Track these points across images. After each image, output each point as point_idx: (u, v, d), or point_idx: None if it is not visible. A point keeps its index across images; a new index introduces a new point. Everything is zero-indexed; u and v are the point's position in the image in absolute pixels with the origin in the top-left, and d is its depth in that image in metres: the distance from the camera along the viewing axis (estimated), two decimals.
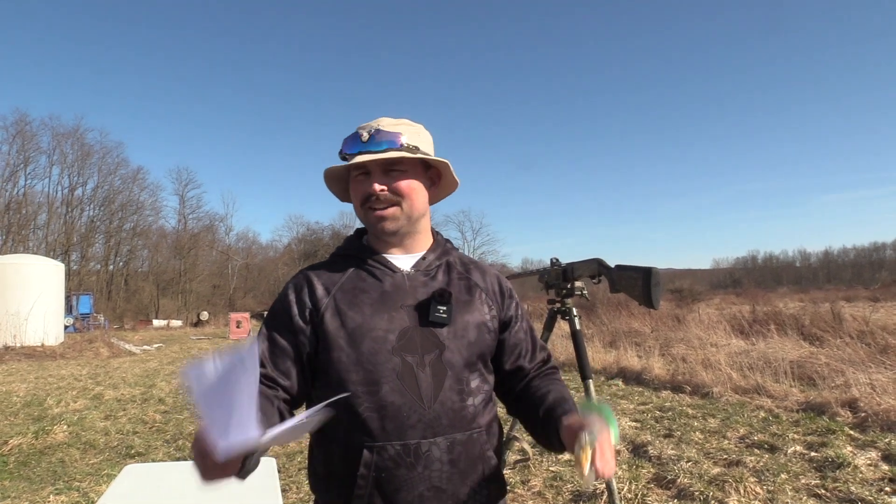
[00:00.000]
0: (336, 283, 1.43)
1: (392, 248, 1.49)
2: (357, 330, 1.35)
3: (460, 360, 1.39)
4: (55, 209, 51.35)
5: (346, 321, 1.37)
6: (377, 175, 1.41)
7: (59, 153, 52.11)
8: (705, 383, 8.00)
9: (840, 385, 6.89)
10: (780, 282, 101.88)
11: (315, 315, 1.39)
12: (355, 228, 1.63)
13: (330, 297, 1.40)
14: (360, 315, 1.37)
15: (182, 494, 2.45)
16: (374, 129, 1.41)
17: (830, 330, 10.21)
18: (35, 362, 15.46)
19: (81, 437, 6.64)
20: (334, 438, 1.35)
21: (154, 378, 11.67)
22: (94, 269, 53.41)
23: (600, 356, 11.07)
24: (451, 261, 1.54)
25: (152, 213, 58.62)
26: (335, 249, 1.56)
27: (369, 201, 1.42)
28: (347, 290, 1.42)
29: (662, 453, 5.20)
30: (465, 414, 1.37)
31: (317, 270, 1.48)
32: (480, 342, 1.44)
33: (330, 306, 1.39)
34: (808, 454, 5.01)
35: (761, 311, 13.70)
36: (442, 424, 1.33)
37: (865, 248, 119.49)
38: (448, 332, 1.39)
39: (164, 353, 18.33)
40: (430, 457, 1.31)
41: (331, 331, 1.36)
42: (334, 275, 1.45)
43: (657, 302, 2.70)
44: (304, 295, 1.42)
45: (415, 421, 1.31)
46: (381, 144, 1.40)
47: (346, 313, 1.37)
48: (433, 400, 1.33)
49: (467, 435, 1.36)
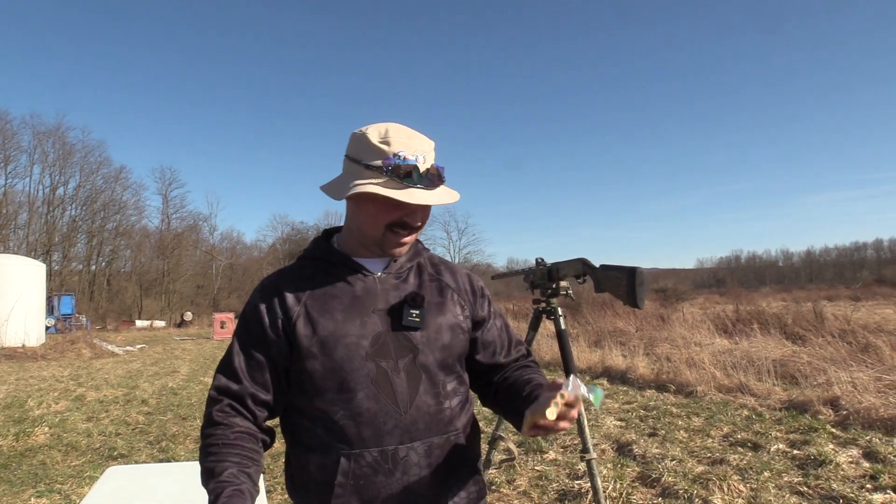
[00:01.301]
0: (305, 289, 1.38)
1: (365, 251, 1.44)
2: (329, 337, 1.32)
3: (435, 363, 1.38)
4: (36, 209, 50.84)
5: (318, 329, 1.33)
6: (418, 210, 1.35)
7: (41, 152, 51.58)
8: (689, 382, 8.06)
9: (822, 383, 6.96)
10: (763, 281, 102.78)
11: (287, 325, 1.35)
12: (323, 229, 1.57)
13: (301, 304, 1.36)
14: (332, 322, 1.34)
15: (165, 496, 2.43)
16: (433, 164, 1.34)
17: (812, 329, 10.32)
18: (16, 363, 15.28)
19: (63, 439, 6.57)
20: (310, 447, 1.34)
21: (137, 379, 11.58)
22: (76, 269, 52.94)
23: (585, 355, 11.12)
24: (421, 262, 1.51)
25: (135, 212, 58.19)
26: (302, 252, 1.51)
27: (401, 227, 1.36)
28: (318, 296, 1.37)
29: (647, 452, 5.22)
30: (442, 417, 1.37)
31: (285, 277, 1.43)
32: (455, 344, 1.43)
33: (301, 314, 1.35)
34: (790, 452, 5.06)
35: (745, 311, 13.82)
36: (419, 429, 1.32)
37: (847, 247, 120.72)
38: (422, 336, 1.37)
39: (148, 354, 18.19)
40: (408, 462, 1.31)
41: (303, 340, 1.32)
42: (303, 281, 1.40)
43: (642, 301, 2.71)
44: (275, 304, 1.37)
45: (391, 427, 1.30)
46: (434, 182, 1.33)
47: (317, 321, 1.34)
48: (409, 405, 1.32)
49: (444, 438, 1.36)
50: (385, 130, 1.33)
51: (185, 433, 6.86)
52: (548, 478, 4.74)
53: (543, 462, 5.15)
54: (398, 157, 1.29)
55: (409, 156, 1.30)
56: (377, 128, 1.34)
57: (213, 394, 1.35)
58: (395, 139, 1.31)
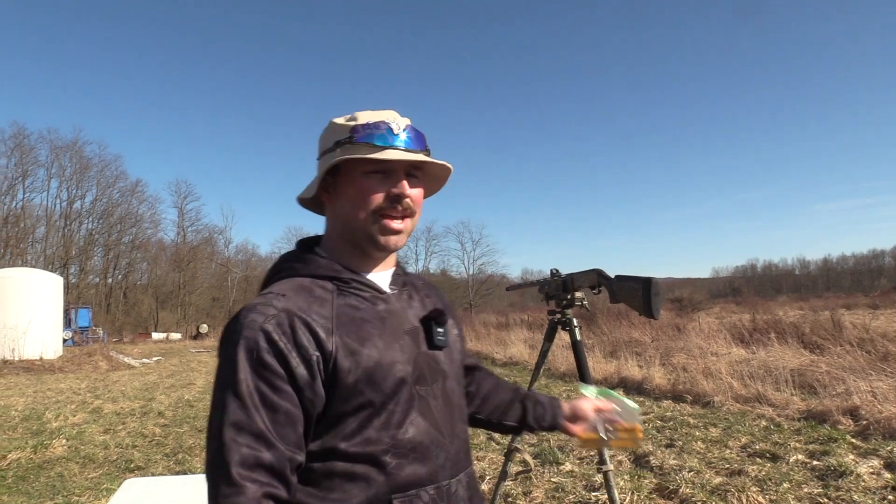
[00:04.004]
0: (330, 314, 1.13)
1: (372, 265, 1.25)
2: (377, 369, 1.11)
3: (457, 384, 1.29)
4: (53, 222, 51.44)
5: (363, 360, 1.10)
6: (402, 178, 1.20)
7: (58, 166, 52.38)
8: (706, 392, 7.99)
9: (841, 393, 6.88)
10: (779, 290, 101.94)
11: (324, 360, 1.08)
12: (297, 241, 1.34)
13: (335, 334, 1.10)
14: (376, 350, 1.12)
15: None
16: (407, 125, 1.21)
17: (830, 338, 10.19)
18: (33, 376, 15.41)
19: (80, 451, 6.61)
20: (352, 498, 1.08)
21: (153, 391, 11.64)
22: (93, 282, 53.53)
23: (601, 366, 11.06)
24: (410, 276, 1.37)
25: (151, 225, 58.87)
26: (298, 270, 1.21)
27: (390, 208, 1.19)
28: (347, 322, 1.13)
29: (664, 463, 5.18)
30: (470, 443, 1.30)
31: (296, 300, 1.12)
32: (462, 361, 1.36)
33: (339, 346, 1.09)
34: (810, 463, 4.99)
35: (761, 320, 13.68)
36: (461, 459, 1.22)
37: (864, 255, 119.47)
38: (445, 357, 1.26)
39: (164, 367, 18.28)
40: (458, 497, 1.19)
41: (347, 376, 1.08)
42: (322, 305, 1.14)
43: (657, 312, 2.70)
44: (301, 337, 1.07)
45: (443, 460, 1.16)
46: (412, 145, 1.20)
47: (359, 351, 1.10)
48: (451, 433, 1.20)
49: (472, 465, 1.28)
50: (351, 114, 1.24)
51: (201, 445, 6.88)
52: (564, 489, 4.71)
53: (560, 474, 5.11)
54: (368, 125, 1.18)
55: (379, 121, 1.20)
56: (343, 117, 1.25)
57: (237, 474, 0.98)
58: (361, 114, 1.22)
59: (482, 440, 6.43)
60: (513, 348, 15.75)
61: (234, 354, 1.05)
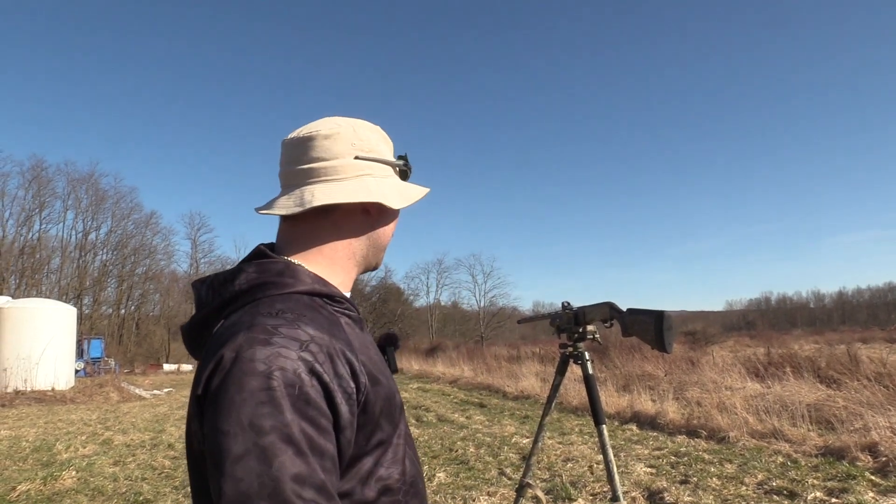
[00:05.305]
0: (346, 339, 0.95)
1: (349, 285, 1.12)
2: (390, 401, 0.99)
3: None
4: (69, 253, 52.07)
5: (381, 390, 0.97)
6: None
7: (74, 198, 53.19)
8: (721, 427, 7.87)
9: (859, 429, 6.76)
10: (794, 323, 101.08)
11: (357, 393, 0.91)
12: (257, 245, 1.07)
13: (359, 363, 0.93)
14: (386, 379, 1.00)
15: None
16: None
17: (847, 372, 10.04)
18: (45, 407, 15.44)
19: (90, 483, 6.58)
20: None
21: (164, 423, 11.62)
22: (106, 312, 53.87)
23: (614, 400, 10.94)
24: None
25: (164, 257, 59.48)
26: (290, 284, 0.98)
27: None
28: (363, 350, 0.98)
29: (679, 500, 5.09)
30: None
31: (320, 323, 0.93)
32: None
33: (367, 375, 0.94)
34: (828, 501, 4.89)
35: (776, 354, 13.50)
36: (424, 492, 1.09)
37: (880, 288, 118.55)
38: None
39: (174, 398, 18.26)
40: None
41: (375, 410, 0.95)
42: (340, 329, 0.97)
43: (670, 346, 2.68)
44: (340, 367, 0.89)
45: (424, 493, 1.06)
46: None
47: (379, 380, 0.97)
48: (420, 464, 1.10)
49: None
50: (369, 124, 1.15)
51: None
52: None
53: None
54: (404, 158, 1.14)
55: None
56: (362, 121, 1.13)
57: None
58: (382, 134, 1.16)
59: (493, 475, 6.35)
60: (524, 381, 15.60)
61: (269, 390, 0.80)
